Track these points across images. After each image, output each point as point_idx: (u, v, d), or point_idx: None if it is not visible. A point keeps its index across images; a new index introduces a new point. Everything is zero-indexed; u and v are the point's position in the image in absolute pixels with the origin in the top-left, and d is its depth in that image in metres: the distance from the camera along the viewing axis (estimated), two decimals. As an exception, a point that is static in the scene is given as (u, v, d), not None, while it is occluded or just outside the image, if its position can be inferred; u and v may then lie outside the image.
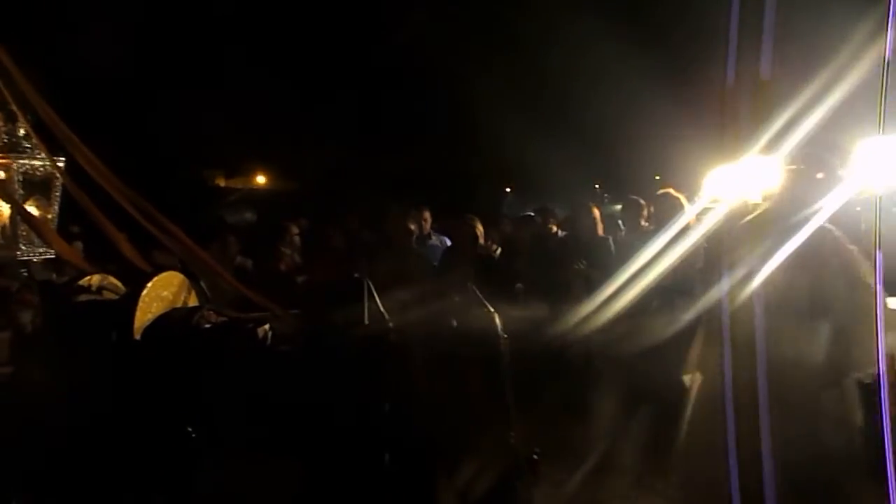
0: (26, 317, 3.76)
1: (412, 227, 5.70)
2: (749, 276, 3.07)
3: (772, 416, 2.86)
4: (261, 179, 25.62)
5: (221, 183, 25.25)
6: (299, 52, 17.74)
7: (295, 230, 6.06)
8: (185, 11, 14.43)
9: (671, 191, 5.08)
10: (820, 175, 3.49)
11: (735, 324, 3.06)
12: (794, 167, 3.44)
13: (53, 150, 3.90)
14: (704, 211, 4.57)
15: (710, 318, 3.46)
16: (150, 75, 14.40)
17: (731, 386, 2.99)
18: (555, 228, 5.98)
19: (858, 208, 3.89)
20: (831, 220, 3.38)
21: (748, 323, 3.07)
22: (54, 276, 4.44)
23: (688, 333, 3.97)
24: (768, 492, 2.78)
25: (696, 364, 3.81)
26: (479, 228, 5.75)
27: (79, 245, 5.12)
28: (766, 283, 3.03)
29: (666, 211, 4.91)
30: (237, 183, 25.05)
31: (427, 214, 6.31)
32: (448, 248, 6.02)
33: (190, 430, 3.04)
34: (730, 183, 3.51)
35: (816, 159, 3.49)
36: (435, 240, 6.25)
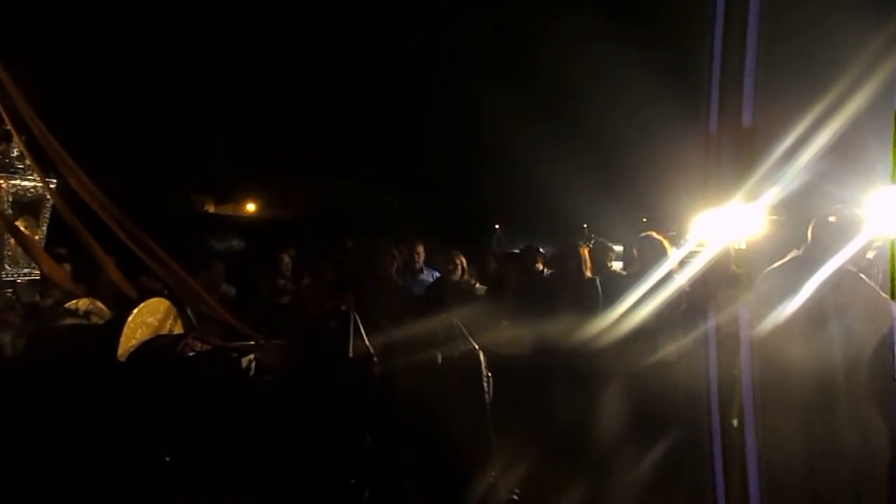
0: (6, 338, 3.72)
1: (398, 260, 5.72)
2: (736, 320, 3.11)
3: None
4: (251, 207, 25.60)
5: (211, 209, 25.22)
6: (295, 81, 17.93)
7: (286, 259, 6.07)
8: (179, 34, 14.58)
9: (653, 233, 5.12)
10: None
11: (722, 364, 3.10)
12: (775, 217, 3.50)
13: (46, 170, 3.91)
14: (691, 254, 4.62)
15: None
16: (142, 97, 14.47)
17: (718, 429, 3.03)
18: (541, 266, 5.99)
19: (870, 255, 3.92)
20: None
21: (734, 363, 3.11)
22: (38, 297, 4.40)
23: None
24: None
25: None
26: (464, 264, 5.77)
27: (66, 267, 5.08)
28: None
29: (648, 253, 4.95)
30: (227, 209, 25.02)
31: (420, 249, 6.35)
32: (433, 282, 6.04)
33: (167, 458, 3.01)
34: (714, 228, 3.56)
35: (800, 210, 3.55)
36: (426, 274, 6.27)
